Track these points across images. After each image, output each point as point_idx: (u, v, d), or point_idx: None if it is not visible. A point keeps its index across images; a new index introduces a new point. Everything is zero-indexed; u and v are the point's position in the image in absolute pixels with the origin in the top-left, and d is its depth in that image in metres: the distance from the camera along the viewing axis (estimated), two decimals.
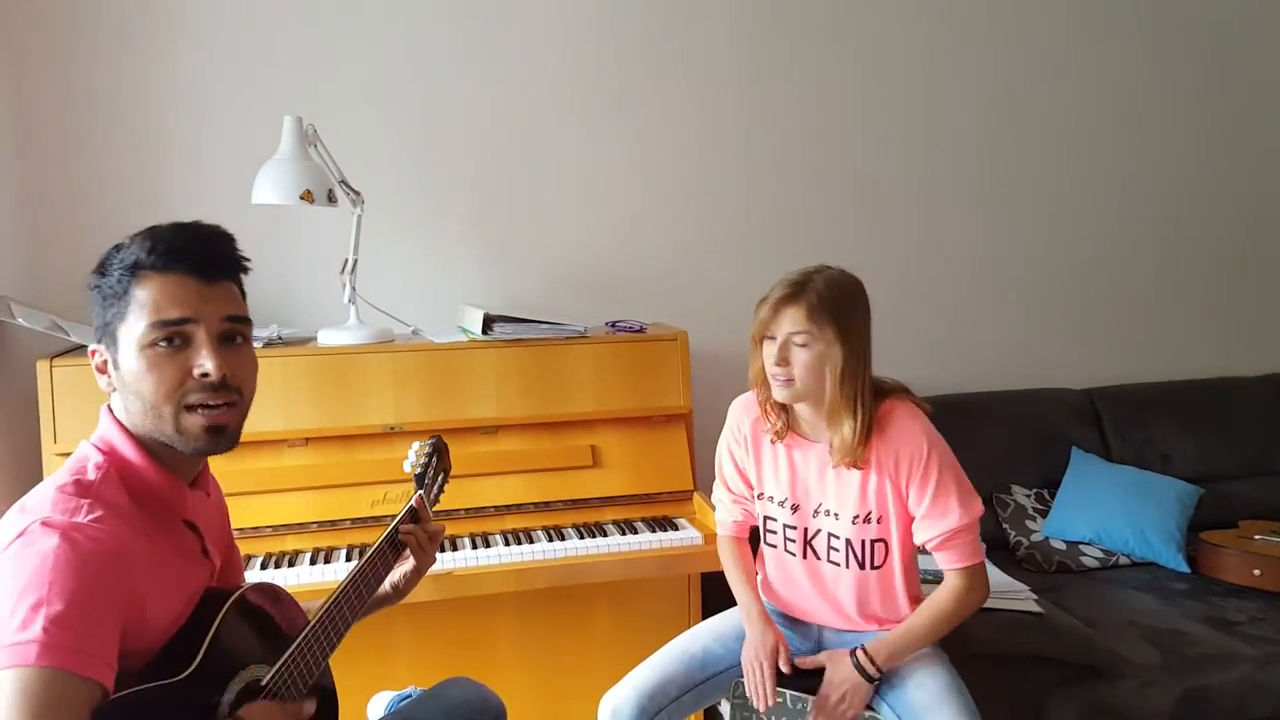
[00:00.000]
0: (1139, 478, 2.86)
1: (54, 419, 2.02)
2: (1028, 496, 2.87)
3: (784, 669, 1.75)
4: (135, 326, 1.15)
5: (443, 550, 2.07)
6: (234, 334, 1.22)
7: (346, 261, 2.29)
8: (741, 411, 1.92)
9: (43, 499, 1.09)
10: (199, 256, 1.18)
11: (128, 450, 1.18)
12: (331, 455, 2.18)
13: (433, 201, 2.65)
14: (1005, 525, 2.81)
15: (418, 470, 1.70)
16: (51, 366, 2.03)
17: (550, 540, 2.13)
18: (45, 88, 2.37)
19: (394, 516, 1.61)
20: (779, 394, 1.72)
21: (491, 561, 2.05)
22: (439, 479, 1.75)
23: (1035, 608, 2.25)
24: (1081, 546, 2.73)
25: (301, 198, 2.09)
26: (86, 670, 0.97)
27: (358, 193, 2.29)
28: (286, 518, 2.11)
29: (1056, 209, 3.17)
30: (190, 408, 1.17)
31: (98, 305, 1.20)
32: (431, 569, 1.98)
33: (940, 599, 1.75)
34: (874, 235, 2.99)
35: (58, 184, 2.39)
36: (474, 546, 2.10)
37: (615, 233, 2.79)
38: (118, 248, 1.19)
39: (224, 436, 1.20)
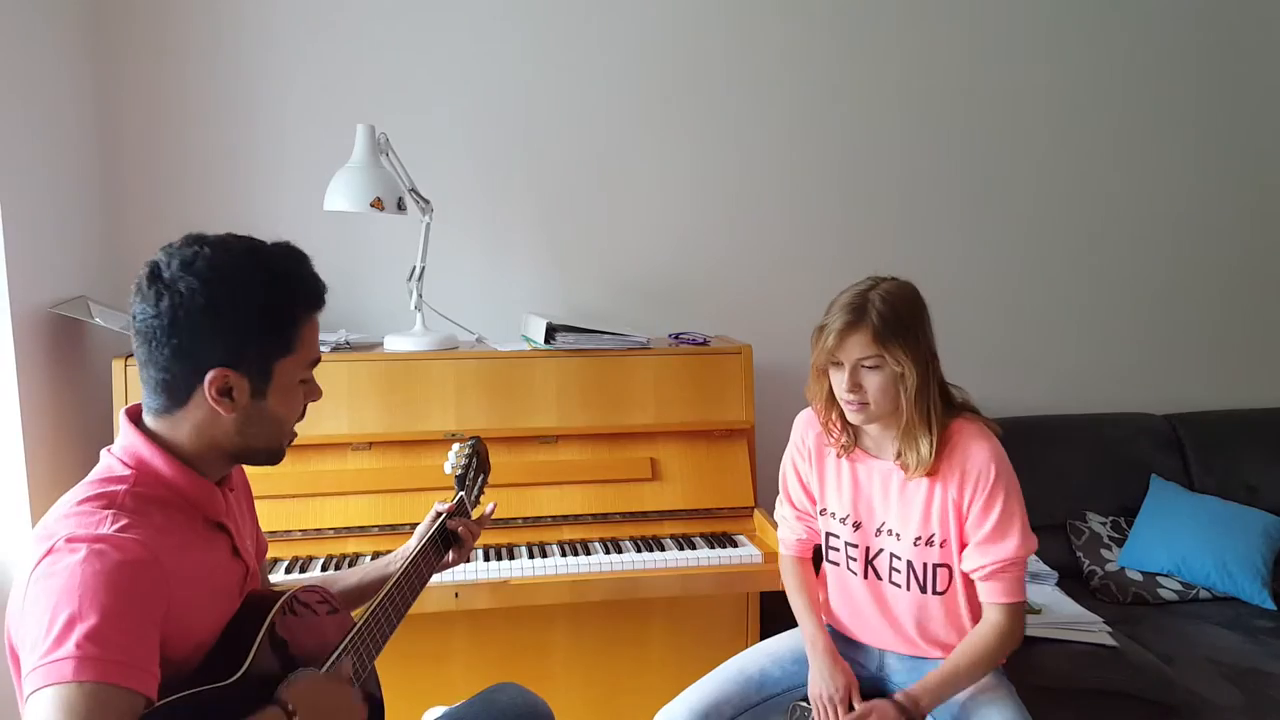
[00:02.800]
0: (1222, 508, 2.73)
1: None
2: (1103, 524, 2.76)
3: (856, 706, 1.69)
4: (299, 363, 1.22)
5: (500, 559, 2.07)
6: None
7: (414, 268, 2.31)
8: (806, 424, 1.88)
9: (64, 515, 1.08)
10: (322, 298, 1.25)
11: (157, 461, 1.15)
12: (394, 460, 2.19)
13: (500, 210, 2.67)
14: (1079, 553, 2.71)
15: (458, 472, 1.71)
16: (126, 365, 2.09)
17: (608, 552, 2.11)
18: (127, 92, 2.44)
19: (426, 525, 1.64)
20: (854, 418, 1.70)
21: (548, 572, 2.04)
22: (479, 480, 1.76)
23: (1109, 641, 2.16)
24: (1159, 578, 2.62)
25: (372, 205, 2.12)
26: (126, 681, 0.96)
27: (427, 201, 2.31)
28: (348, 520, 2.13)
29: (1137, 227, 3.06)
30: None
31: (255, 329, 1.16)
32: (488, 577, 2.01)
33: (983, 637, 1.67)
34: (949, 252, 2.93)
35: (138, 187, 2.46)
36: (531, 556, 2.09)
37: (681, 244, 2.78)
38: (280, 279, 1.18)
39: None
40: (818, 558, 1.94)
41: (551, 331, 2.27)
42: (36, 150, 2.07)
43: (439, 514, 1.64)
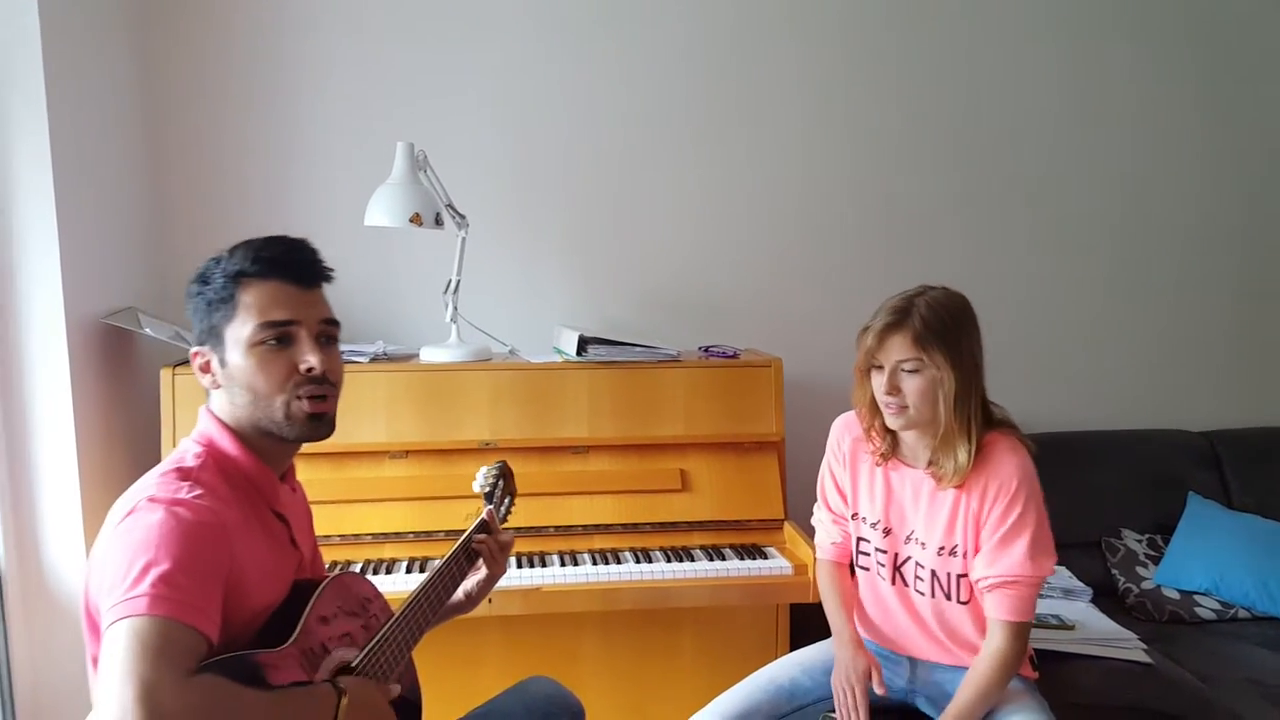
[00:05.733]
0: (1262, 526, 2.69)
1: (174, 424, 2.14)
2: (1139, 542, 2.73)
3: (877, 690, 1.71)
4: (243, 328, 1.27)
5: (532, 566, 2.11)
6: (328, 335, 1.34)
7: (450, 282, 2.36)
8: (843, 429, 1.89)
9: (147, 484, 1.20)
10: (297, 265, 1.31)
11: (225, 442, 1.29)
12: (429, 468, 2.24)
13: (533, 225, 2.72)
14: (1114, 571, 2.68)
15: (486, 489, 1.75)
16: (174, 374, 2.16)
17: (638, 562, 2.14)
18: (177, 112, 2.53)
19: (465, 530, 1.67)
20: (893, 422, 1.70)
21: (579, 580, 2.07)
22: (505, 501, 1.80)
23: (1144, 658, 2.13)
24: (1197, 596, 2.58)
25: (411, 220, 2.17)
26: (192, 619, 1.05)
27: (463, 216, 2.36)
28: (385, 527, 2.18)
29: (1182, 245, 3.05)
30: (298, 398, 1.28)
31: (201, 311, 1.31)
32: (520, 584, 2.03)
33: (982, 670, 1.65)
34: (984, 267, 2.93)
35: (185, 205, 2.55)
36: (562, 564, 2.12)
37: (712, 258, 2.81)
38: (217, 260, 1.32)
39: (324, 422, 1.32)
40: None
41: (583, 344, 2.30)
42: (90, 170, 2.15)
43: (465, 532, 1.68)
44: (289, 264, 1.30)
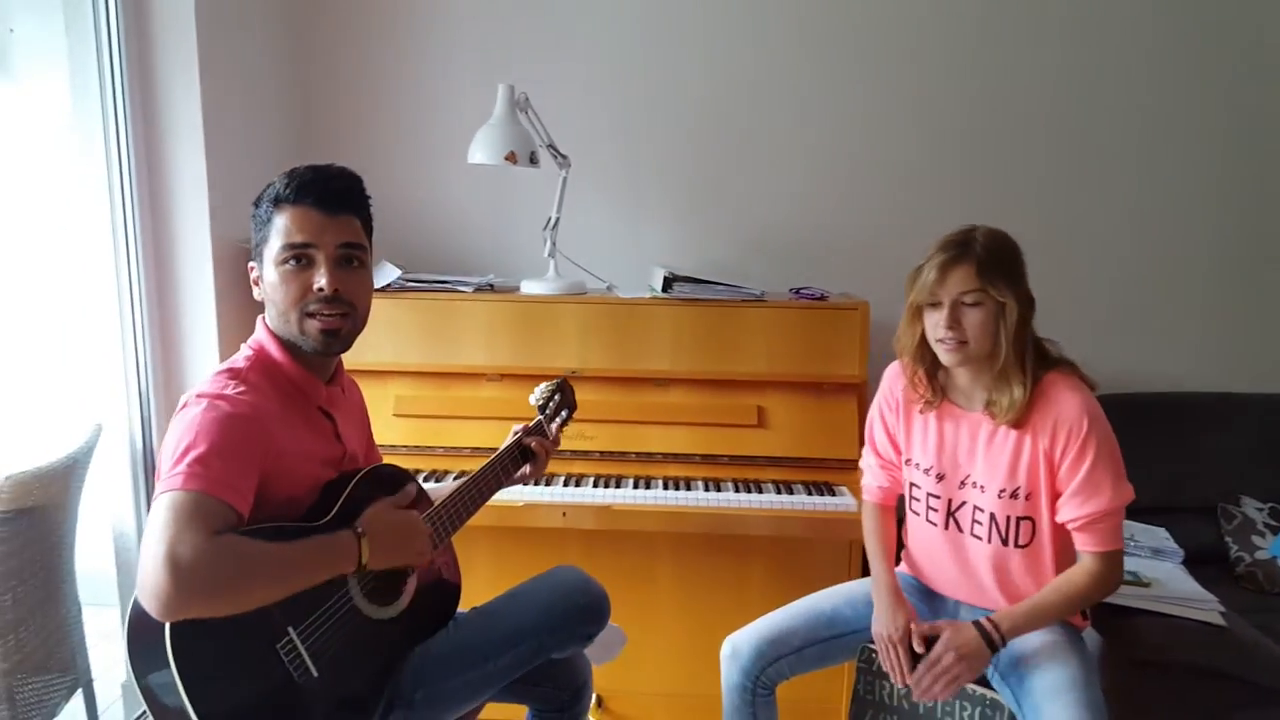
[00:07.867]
0: None
1: None
2: (1260, 510, 2.58)
3: (917, 648, 1.72)
4: (273, 247, 1.43)
5: (608, 487, 2.25)
6: (350, 258, 1.47)
7: (549, 219, 2.51)
8: (895, 376, 1.92)
9: (202, 382, 1.40)
10: (322, 192, 1.44)
11: (273, 348, 1.47)
12: (522, 391, 2.37)
13: (636, 166, 2.83)
14: (1228, 538, 2.55)
15: (539, 403, 1.91)
16: None
17: (707, 490, 2.24)
18: (318, 60, 2.81)
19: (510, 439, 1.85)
20: (949, 359, 1.70)
21: (649, 501, 2.20)
22: (560, 413, 1.94)
23: (1219, 620, 2.04)
24: None
25: (506, 159, 2.32)
26: (221, 494, 1.23)
27: (564, 156, 2.49)
28: (481, 442, 2.37)
29: None
30: (310, 315, 1.42)
31: (253, 230, 1.48)
32: (594, 501, 2.18)
33: (1074, 579, 1.68)
34: (1101, 218, 2.80)
35: (325, 141, 2.83)
36: (635, 487, 2.25)
37: (814, 202, 2.83)
38: (269, 185, 1.47)
39: (336, 339, 1.47)
40: (901, 508, 1.98)
41: (669, 281, 2.40)
42: (239, 111, 2.43)
43: (516, 432, 1.85)
44: (313, 191, 1.43)
